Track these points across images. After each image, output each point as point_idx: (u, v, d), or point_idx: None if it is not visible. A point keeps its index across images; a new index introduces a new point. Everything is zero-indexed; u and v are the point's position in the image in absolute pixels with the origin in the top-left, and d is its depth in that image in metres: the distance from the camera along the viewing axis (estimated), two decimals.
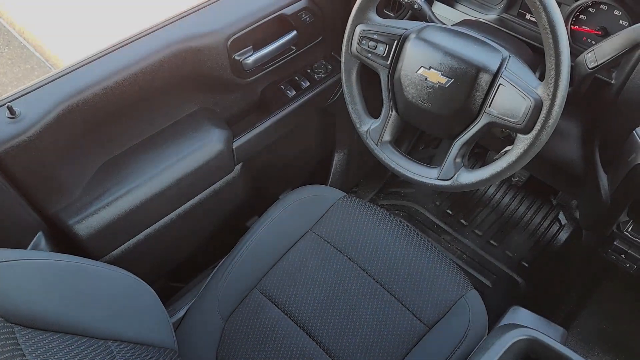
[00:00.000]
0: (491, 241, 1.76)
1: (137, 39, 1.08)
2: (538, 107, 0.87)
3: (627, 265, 1.10)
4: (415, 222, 1.82)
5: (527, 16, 1.16)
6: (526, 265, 1.70)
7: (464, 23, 1.13)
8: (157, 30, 1.10)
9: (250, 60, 1.21)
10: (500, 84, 0.91)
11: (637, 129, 0.98)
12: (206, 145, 1.20)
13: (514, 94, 0.89)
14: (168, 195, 1.18)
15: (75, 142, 1.04)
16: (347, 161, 1.73)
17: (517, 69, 0.92)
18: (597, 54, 0.90)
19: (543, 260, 1.70)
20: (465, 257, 1.73)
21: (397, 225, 1.22)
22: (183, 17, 1.14)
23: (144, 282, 0.98)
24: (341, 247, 1.19)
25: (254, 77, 1.28)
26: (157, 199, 1.16)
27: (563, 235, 1.72)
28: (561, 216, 1.75)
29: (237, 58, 1.20)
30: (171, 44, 1.08)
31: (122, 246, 1.16)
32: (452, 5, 1.24)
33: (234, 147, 1.28)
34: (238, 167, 1.34)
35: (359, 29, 1.05)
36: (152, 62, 1.06)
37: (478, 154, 1.83)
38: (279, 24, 1.26)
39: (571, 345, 1.35)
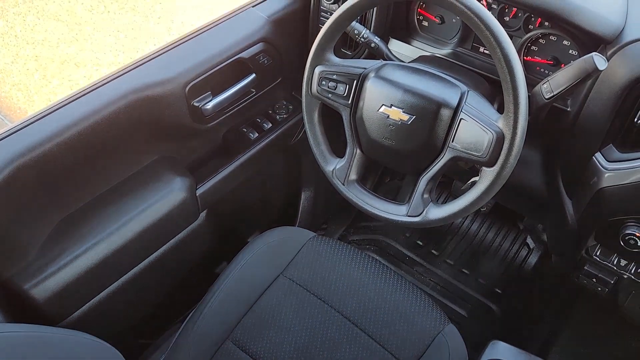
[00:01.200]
0: (463, 270, 1.76)
1: (91, 91, 1.05)
2: (500, 140, 0.88)
3: (599, 289, 1.11)
4: (387, 256, 1.80)
5: (481, 49, 1.19)
6: (499, 291, 1.70)
7: (421, 59, 1.15)
8: (111, 80, 1.08)
9: (209, 105, 1.20)
10: (461, 119, 0.92)
11: (597, 154, 1.00)
12: (168, 194, 1.17)
13: (475, 128, 0.90)
14: (131, 249, 1.13)
15: (30, 200, 0.99)
16: (314, 199, 1.71)
17: (476, 103, 0.93)
18: (553, 85, 0.92)
19: (515, 285, 1.70)
20: (439, 288, 1.72)
21: (369, 263, 1.21)
22: (139, 65, 1.12)
23: (109, 345, 0.93)
24: (314, 290, 1.16)
25: (214, 122, 1.26)
26: (119, 254, 1.11)
27: (532, 259, 1.73)
28: (529, 240, 1.76)
29: (196, 104, 1.18)
30: (127, 93, 1.06)
31: (84, 307, 1.10)
32: (408, 42, 1.26)
33: (197, 195, 1.25)
34: (203, 214, 1.31)
35: (317, 70, 1.04)
36: (108, 114, 1.03)
37: (444, 184, 1.84)
38: (237, 68, 1.25)
39: None
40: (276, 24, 1.29)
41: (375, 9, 1.20)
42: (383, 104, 0.98)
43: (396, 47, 1.26)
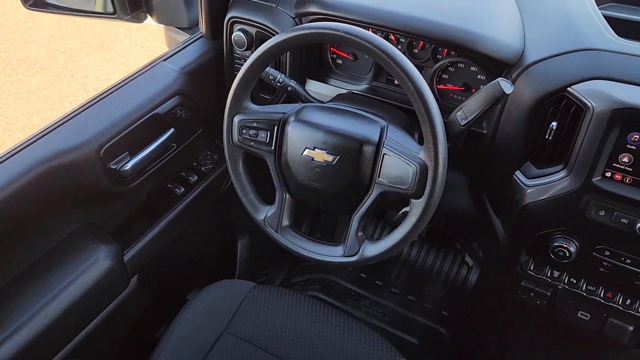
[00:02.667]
0: (409, 297, 1.76)
1: None
2: (424, 171, 0.89)
3: (538, 302, 1.13)
4: (333, 293, 1.78)
5: (396, 82, 1.21)
6: (446, 314, 1.71)
7: (339, 97, 1.16)
8: (17, 152, 1.01)
9: (128, 166, 1.14)
10: (384, 154, 0.93)
11: (516, 172, 1.04)
12: (93, 265, 1.10)
13: (399, 162, 0.91)
14: (57, 329, 1.05)
15: None
16: (251, 247, 1.67)
17: (396, 137, 0.94)
18: (466, 112, 0.95)
19: (460, 306, 1.72)
20: (388, 319, 1.71)
21: (314, 306, 1.18)
22: (48, 132, 1.06)
23: None
24: (261, 343, 1.11)
25: (136, 183, 1.20)
26: (45, 336, 1.02)
27: (473, 277, 1.76)
28: (467, 258, 1.80)
29: (113, 167, 1.13)
30: (35, 165, 0.99)
31: None
32: (325, 82, 1.27)
33: (125, 260, 1.18)
34: (134, 279, 1.24)
35: (237, 119, 1.03)
36: (18, 188, 0.96)
37: (377, 214, 1.85)
38: (154, 124, 1.21)
39: None
40: (190, 75, 1.27)
41: (288, 52, 1.20)
42: (306, 147, 0.97)
43: (314, 87, 1.27)
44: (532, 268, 1.12)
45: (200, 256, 1.57)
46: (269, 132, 1.01)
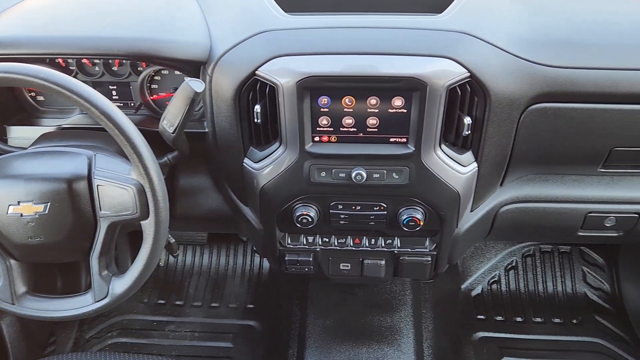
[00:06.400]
0: (212, 304, 1.75)
1: None
2: (141, 191, 0.86)
3: (306, 269, 1.20)
4: (134, 332, 1.68)
5: None
6: (252, 306, 1.74)
7: (42, 138, 1.06)
8: None
9: None
10: (98, 185, 0.88)
11: (245, 160, 1.07)
12: None
13: (115, 189, 0.87)
14: None
15: None
16: (20, 321, 1.47)
17: (105, 164, 0.89)
18: (170, 119, 0.94)
19: (261, 296, 1.76)
20: (198, 335, 1.67)
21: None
22: None
23: None
24: None
25: None
26: None
27: (266, 263, 1.81)
28: (249, 247, 1.84)
29: None
30: None
31: None
32: (31, 124, 1.16)
33: None
34: None
35: None
36: None
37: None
38: None
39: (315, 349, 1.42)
40: None
41: None
42: (10, 204, 0.87)
43: (18, 133, 1.14)
44: (289, 242, 1.18)
45: None
46: None
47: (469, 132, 0.97)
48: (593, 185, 1.13)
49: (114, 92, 1.16)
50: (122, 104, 1.17)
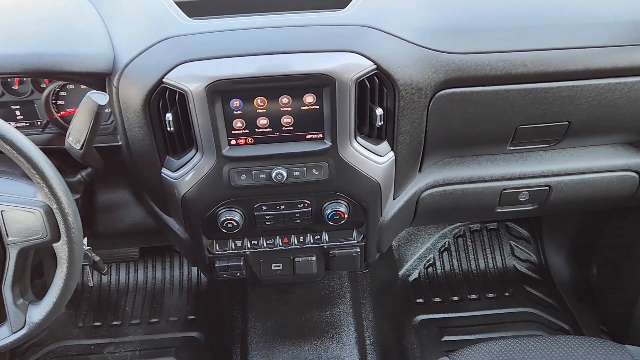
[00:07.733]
0: (152, 320, 1.70)
1: None
2: (49, 212, 0.83)
3: (238, 274, 1.19)
4: (70, 359, 1.61)
5: None
6: (193, 317, 1.71)
7: None
8: None
9: None
10: (2, 211, 0.83)
11: (163, 170, 1.04)
12: None
13: (20, 214, 0.83)
14: None
15: None
16: None
17: (8, 187, 0.85)
18: (76, 135, 0.91)
19: (201, 305, 1.73)
20: (139, 353, 1.63)
21: None
22: None
23: None
24: None
25: None
26: None
27: (194, 271, 1.79)
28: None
29: None
30: None
31: None
32: None
33: None
34: None
35: None
36: None
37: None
38: None
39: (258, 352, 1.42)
40: None
41: None
42: None
43: None
44: (217, 248, 1.16)
45: None
46: None
47: (382, 122, 0.99)
48: (505, 163, 1.18)
49: (17, 112, 1.10)
50: (28, 124, 1.12)
